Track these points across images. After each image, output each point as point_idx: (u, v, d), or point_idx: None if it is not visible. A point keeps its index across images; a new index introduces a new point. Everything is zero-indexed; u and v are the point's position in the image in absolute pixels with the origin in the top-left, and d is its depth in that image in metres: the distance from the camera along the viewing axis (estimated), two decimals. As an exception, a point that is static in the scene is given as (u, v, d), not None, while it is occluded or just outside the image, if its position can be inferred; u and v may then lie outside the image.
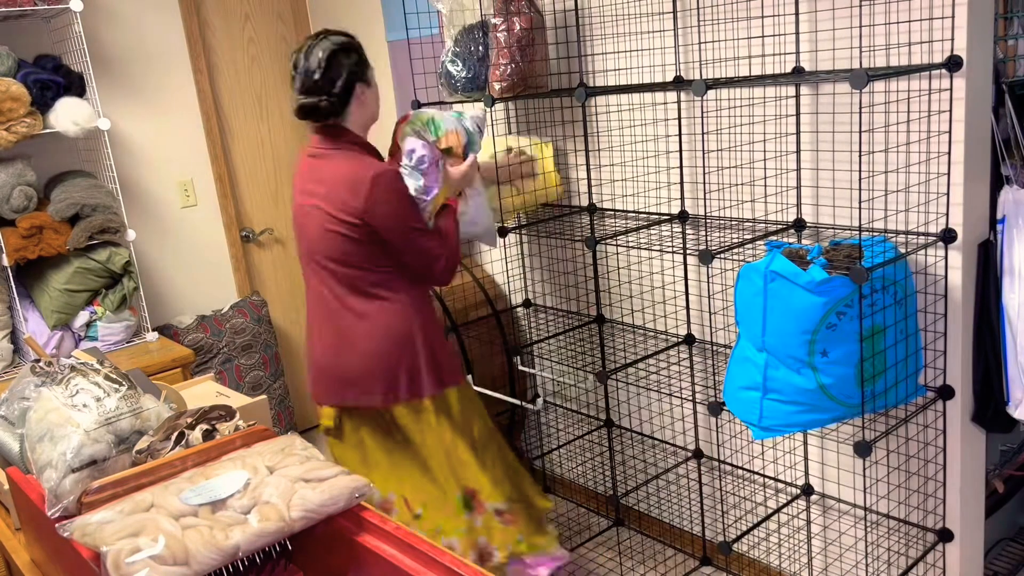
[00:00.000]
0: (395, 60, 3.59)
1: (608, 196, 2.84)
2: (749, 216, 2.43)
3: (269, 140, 4.01)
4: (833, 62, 2.14)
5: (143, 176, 3.59)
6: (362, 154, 2.26)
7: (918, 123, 2.02)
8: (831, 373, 1.87)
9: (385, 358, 2.28)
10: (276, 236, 4.08)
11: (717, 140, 2.45)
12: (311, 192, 2.26)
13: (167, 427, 1.50)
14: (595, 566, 2.97)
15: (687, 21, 2.45)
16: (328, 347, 2.34)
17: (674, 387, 2.72)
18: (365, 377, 2.30)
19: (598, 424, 3.13)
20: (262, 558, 1.32)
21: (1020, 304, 2.00)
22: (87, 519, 1.25)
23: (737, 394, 2.04)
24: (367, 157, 2.26)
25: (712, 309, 2.60)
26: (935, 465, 2.18)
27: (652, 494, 3.08)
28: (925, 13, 1.93)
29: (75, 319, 3.11)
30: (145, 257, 3.58)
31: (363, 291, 2.27)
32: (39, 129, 2.94)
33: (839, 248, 1.94)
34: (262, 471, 1.36)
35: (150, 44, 3.55)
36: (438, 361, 2.34)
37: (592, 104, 2.80)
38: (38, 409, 1.50)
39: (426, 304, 2.37)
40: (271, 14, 3.95)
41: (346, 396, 2.35)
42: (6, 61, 2.91)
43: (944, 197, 2.01)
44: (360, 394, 2.32)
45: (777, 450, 2.57)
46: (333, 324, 2.32)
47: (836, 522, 2.48)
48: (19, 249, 2.95)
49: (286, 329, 4.15)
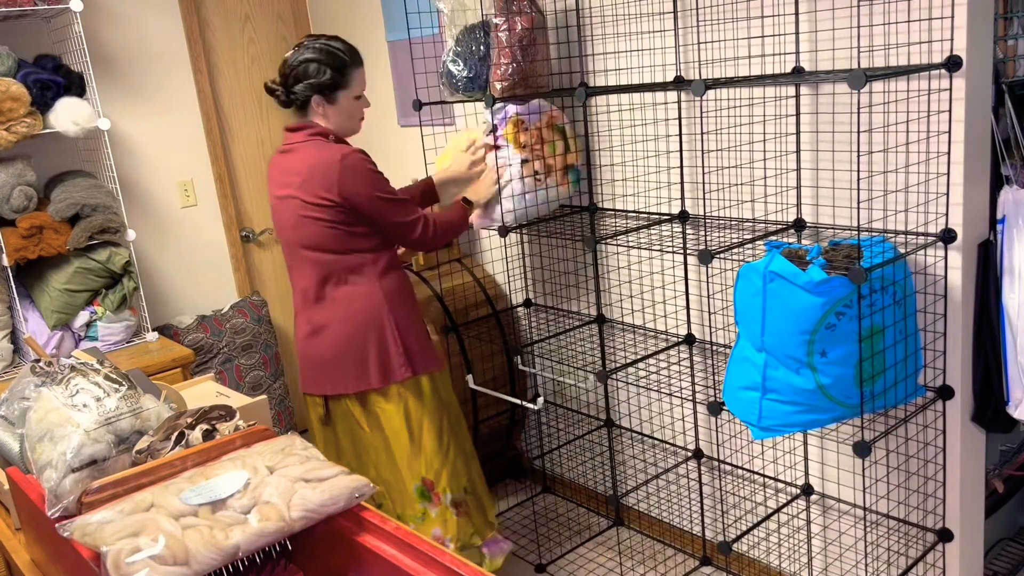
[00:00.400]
0: (395, 60, 3.59)
1: (608, 196, 2.84)
2: (749, 216, 2.43)
3: (269, 140, 4.01)
4: (833, 62, 2.14)
5: (143, 176, 3.59)
6: (328, 142, 2.36)
7: (917, 123, 2.02)
8: (830, 373, 1.87)
9: (354, 343, 2.37)
10: (276, 236, 4.07)
11: (717, 140, 2.45)
12: (285, 184, 2.35)
13: (167, 427, 1.50)
14: (595, 566, 2.97)
15: (687, 21, 2.45)
16: (306, 335, 2.45)
17: (674, 387, 2.72)
18: (337, 363, 2.40)
19: (598, 424, 3.13)
20: (262, 558, 1.32)
21: (1020, 304, 2.00)
22: (87, 519, 1.25)
23: (737, 394, 2.04)
24: (334, 144, 2.36)
25: (712, 309, 2.60)
26: (935, 465, 2.18)
27: (652, 494, 3.08)
28: (924, 13, 1.93)
29: (75, 319, 3.11)
30: (145, 257, 3.58)
31: (337, 277, 2.37)
32: (39, 129, 2.94)
33: (838, 248, 1.94)
34: (262, 471, 1.36)
35: (150, 44, 3.55)
36: (408, 346, 2.41)
37: (593, 104, 2.80)
38: (38, 409, 1.50)
39: (401, 289, 2.45)
40: (271, 14, 3.95)
41: (324, 384, 2.44)
42: (6, 61, 2.91)
43: (944, 197, 2.01)
44: (335, 381, 2.41)
45: (777, 450, 2.57)
46: (309, 314, 2.42)
47: (836, 522, 2.48)
48: (19, 249, 2.95)
49: (286, 329, 4.15)
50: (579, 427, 3.27)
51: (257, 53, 3.92)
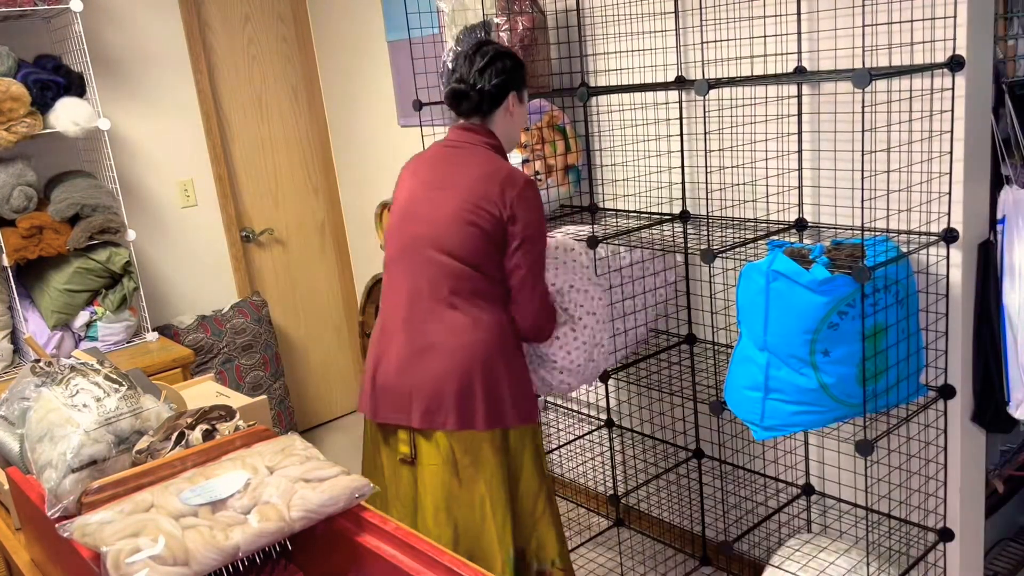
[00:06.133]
0: (396, 60, 3.59)
1: (610, 196, 2.84)
2: (751, 216, 2.43)
3: (269, 140, 4.00)
4: (835, 61, 2.14)
5: (143, 176, 3.59)
6: (502, 160, 2.14)
7: (920, 122, 2.01)
8: (832, 373, 1.87)
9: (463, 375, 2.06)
10: (276, 236, 4.07)
11: (719, 140, 2.45)
12: (443, 179, 2.10)
13: (167, 427, 1.50)
14: (595, 566, 2.97)
15: (689, 21, 2.44)
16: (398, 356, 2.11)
17: (675, 387, 2.72)
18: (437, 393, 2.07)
19: (599, 424, 3.13)
20: (262, 558, 1.31)
21: (1020, 304, 1.99)
22: (87, 519, 1.24)
23: (739, 394, 2.04)
24: (512, 166, 2.13)
25: (714, 309, 2.59)
26: (936, 465, 2.18)
27: (652, 494, 3.07)
28: (927, 12, 1.93)
29: (75, 319, 3.10)
30: (145, 257, 3.58)
31: (464, 295, 2.07)
32: (39, 129, 2.94)
33: (841, 247, 1.94)
34: (262, 471, 1.36)
35: (150, 44, 3.55)
36: (522, 391, 2.14)
37: (593, 104, 2.80)
38: (38, 409, 1.50)
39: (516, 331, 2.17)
40: (271, 15, 3.95)
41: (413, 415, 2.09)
42: (6, 61, 2.91)
43: (946, 196, 2.01)
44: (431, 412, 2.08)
45: (778, 450, 2.57)
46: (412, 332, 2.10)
47: (837, 521, 2.48)
48: (19, 249, 2.95)
49: (286, 329, 4.15)
50: (579, 427, 3.26)
51: (257, 53, 3.92)
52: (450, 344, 2.06)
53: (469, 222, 2.04)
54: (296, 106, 4.08)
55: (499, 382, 2.08)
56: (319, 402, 4.33)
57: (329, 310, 4.32)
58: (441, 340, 2.07)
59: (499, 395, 2.09)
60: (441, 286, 2.07)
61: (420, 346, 2.08)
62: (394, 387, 2.12)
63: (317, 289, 4.25)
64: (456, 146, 2.15)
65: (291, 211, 4.12)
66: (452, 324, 2.07)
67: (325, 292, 4.29)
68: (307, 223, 4.18)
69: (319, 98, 4.13)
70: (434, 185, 2.12)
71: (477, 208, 2.03)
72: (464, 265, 2.06)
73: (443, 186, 2.10)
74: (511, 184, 2.05)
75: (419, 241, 2.10)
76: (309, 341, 4.25)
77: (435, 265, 2.07)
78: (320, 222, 4.22)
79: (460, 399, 2.05)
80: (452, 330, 2.07)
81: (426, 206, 2.11)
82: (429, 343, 2.08)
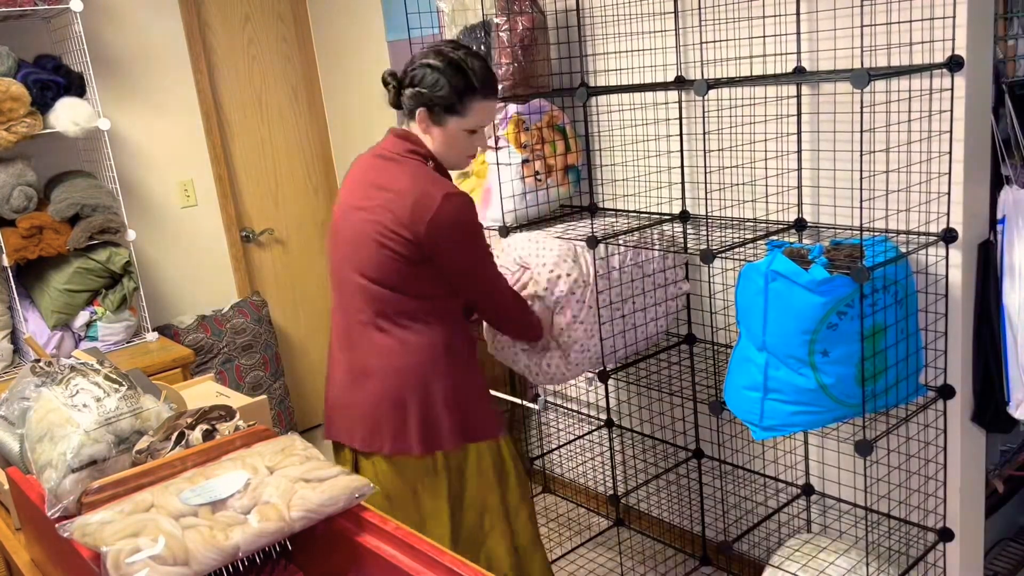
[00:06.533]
0: (396, 60, 3.59)
1: (609, 196, 2.84)
2: (750, 216, 2.43)
3: (269, 140, 4.00)
4: (834, 62, 2.14)
5: (143, 176, 3.59)
6: (429, 171, 1.99)
7: (919, 123, 2.01)
8: (832, 373, 1.87)
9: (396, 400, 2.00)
10: (276, 236, 4.08)
11: (718, 140, 2.45)
12: (367, 196, 2.00)
13: (167, 427, 1.50)
14: (595, 566, 2.97)
15: (688, 21, 2.44)
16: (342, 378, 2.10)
17: (675, 387, 2.72)
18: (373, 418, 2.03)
19: (598, 424, 3.13)
20: (262, 558, 1.31)
21: (1020, 304, 2.00)
22: (87, 519, 1.25)
23: (738, 394, 2.04)
24: (438, 177, 1.99)
25: (713, 309, 2.59)
26: (935, 465, 2.18)
27: (652, 494, 3.07)
28: (926, 12, 1.93)
29: (75, 319, 3.10)
30: (145, 257, 3.58)
31: (389, 317, 2.00)
32: (39, 129, 2.94)
33: (840, 248, 1.94)
34: (262, 471, 1.36)
35: (150, 44, 3.55)
36: (464, 410, 2.05)
37: (593, 104, 2.80)
38: (38, 409, 1.50)
39: (461, 346, 2.07)
40: (271, 15, 3.95)
41: (354, 437, 2.08)
42: (6, 61, 2.91)
43: (945, 197, 2.01)
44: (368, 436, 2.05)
45: (777, 450, 2.57)
46: (350, 353, 2.07)
47: (836, 521, 2.48)
48: (19, 249, 2.95)
49: (286, 329, 4.15)
50: (579, 427, 3.27)
51: (257, 53, 3.92)
52: (383, 368, 2.01)
53: (383, 245, 1.94)
54: (296, 106, 4.08)
55: (434, 406, 2.01)
56: (319, 402, 4.33)
57: (329, 310, 4.31)
58: (374, 364, 2.02)
59: (434, 419, 2.02)
60: (366, 309, 2.01)
61: (358, 370, 2.05)
62: (341, 407, 2.11)
63: (317, 289, 4.25)
64: (386, 157, 2.02)
65: (291, 211, 4.12)
66: (381, 348, 2.01)
67: (325, 292, 4.29)
68: (307, 223, 4.18)
69: (319, 98, 4.13)
70: (354, 204, 2.02)
71: (389, 232, 1.93)
72: (384, 288, 1.98)
73: (362, 205, 2.00)
74: (422, 211, 1.90)
75: (344, 264, 2.05)
76: (309, 341, 4.25)
77: (359, 288, 2.01)
78: (320, 222, 4.22)
79: (395, 424, 2.01)
80: (382, 353, 2.01)
81: (347, 227, 2.03)
82: (364, 367, 2.04)
